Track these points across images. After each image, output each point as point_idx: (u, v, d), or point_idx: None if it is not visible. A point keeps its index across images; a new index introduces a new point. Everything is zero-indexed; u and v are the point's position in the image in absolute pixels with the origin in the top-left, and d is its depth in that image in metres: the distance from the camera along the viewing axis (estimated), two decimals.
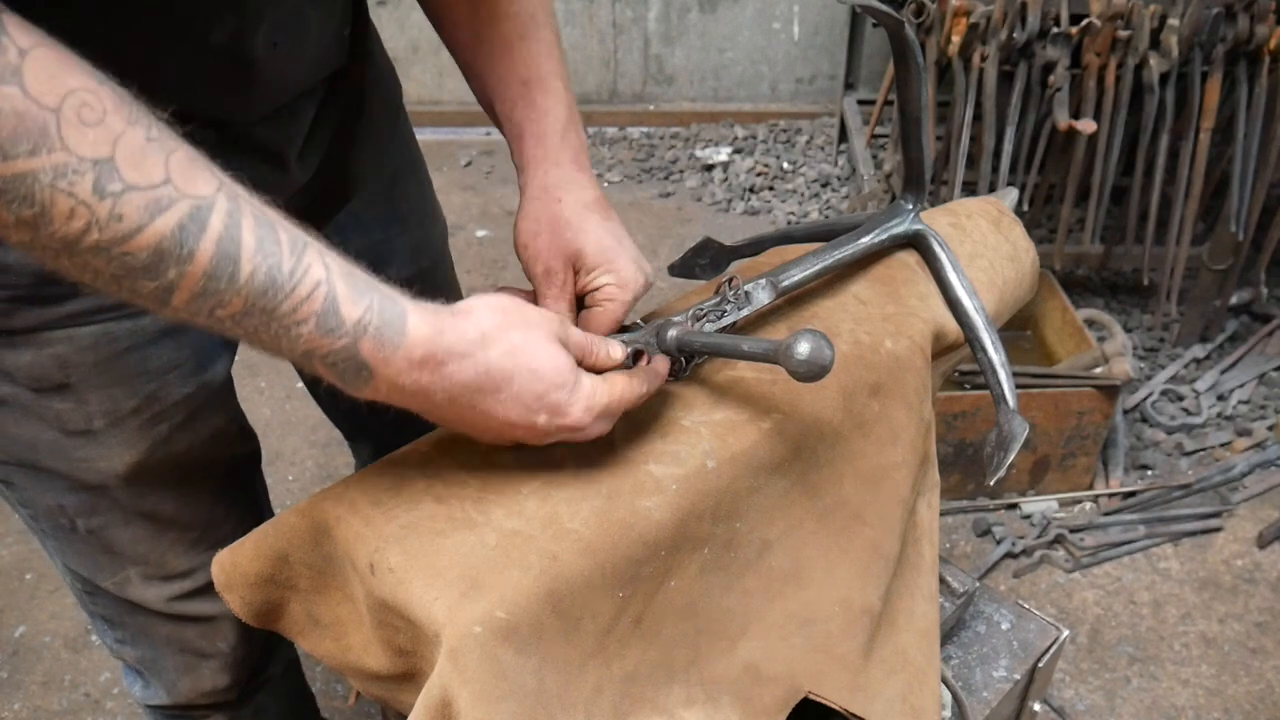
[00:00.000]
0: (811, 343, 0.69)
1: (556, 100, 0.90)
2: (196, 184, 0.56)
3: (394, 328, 0.64)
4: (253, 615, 0.83)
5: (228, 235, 0.57)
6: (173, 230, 0.55)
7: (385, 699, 0.85)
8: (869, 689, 0.84)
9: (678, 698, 0.78)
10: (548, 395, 0.71)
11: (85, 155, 0.53)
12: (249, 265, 0.58)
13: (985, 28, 2.15)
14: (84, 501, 0.90)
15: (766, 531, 0.84)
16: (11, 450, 0.87)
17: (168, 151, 0.56)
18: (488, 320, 0.69)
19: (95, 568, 0.97)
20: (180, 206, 0.56)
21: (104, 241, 0.54)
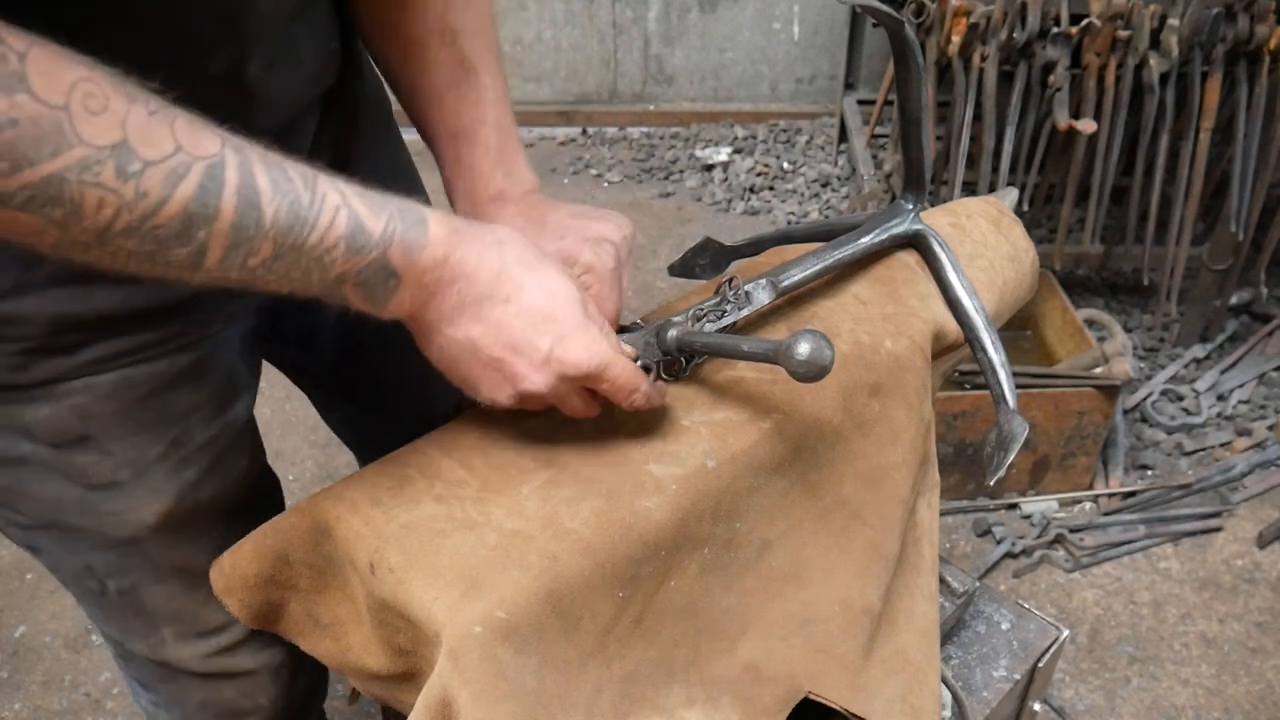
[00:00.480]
0: (811, 343, 0.69)
1: (483, 153, 0.89)
2: (204, 144, 0.58)
3: (416, 229, 0.67)
4: (252, 617, 0.83)
5: (245, 184, 0.59)
6: (195, 193, 0.57)
7: (385, 699, 0.85)
8: (869, 689, 0.84)
9: (678, 697, 0.78)
10: (555, 316, 0.71)
11: (102, 144, 0.53)
12: (270, 207, 0.60)
13: (985, 28, 2.15)
14: (113, 560, 0.87)
15: (766, 531, 0.84)
16: (36, 511, 0.83)
17: (170, 120, 0.57)
18: (506, 231, 0.73)
19: (128, 631, 0.94)
20: (196, 169, 0.57)
21: (134, 221, 0.56)
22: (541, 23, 3.69)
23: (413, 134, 1.00)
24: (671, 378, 0.85)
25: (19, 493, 0.82)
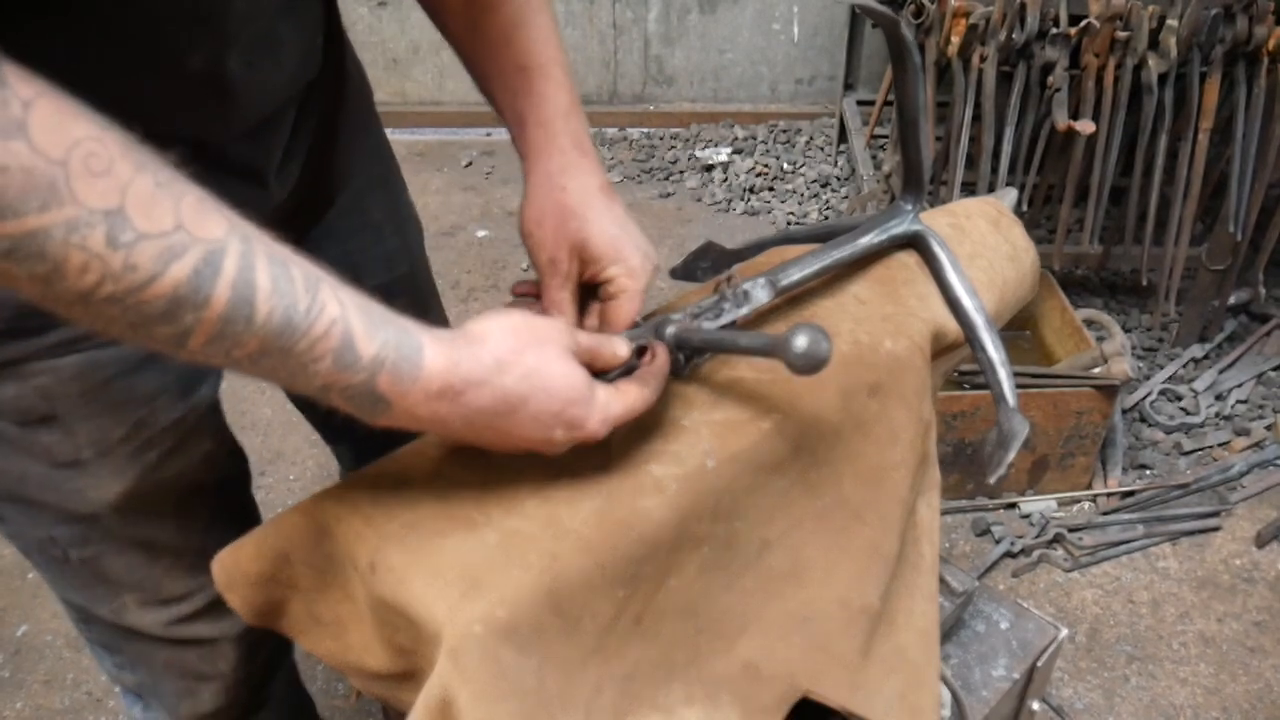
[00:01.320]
0: (809, 336, 0.69)
1: (557, 86, 0.89)
2: (208, 227, 0.55)
3: (411, 361, 0.64)
4: (254, 614, 0.84)
5: (242, 278, 0.56)
6: (188, 277, 0.54)
7: (386, 698, 0.85)
8: (868, 688, 0.85)
9: (677, 696, 0.79)
10: (564, 412, 0.71)
11: (96, 207, 0.51)
12: (265, 306, 0.57)
13: (984, 28, 2.15)
14: (76, 532, 0.89)
15: (766, 531, 0.84)
16: (13, 478, 0.85)
17: (178, 196, 0.54)
18: (502, 345, 0.69)
19: (91, 597, 0.96)
20: (194, 252, 0.54)
21: (119, 293, 0.53)
22: None
23: (424, 134, 0.99)
24: (671, 375, 0.86)
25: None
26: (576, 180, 0.87)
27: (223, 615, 0.97)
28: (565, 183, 0.86)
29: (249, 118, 0.81)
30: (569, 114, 0.89)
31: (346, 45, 1.02)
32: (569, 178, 0.87)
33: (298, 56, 0.86)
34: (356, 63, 1.07)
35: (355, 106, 1.05)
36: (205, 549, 0.91)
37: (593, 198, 0.86)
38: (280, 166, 0.90)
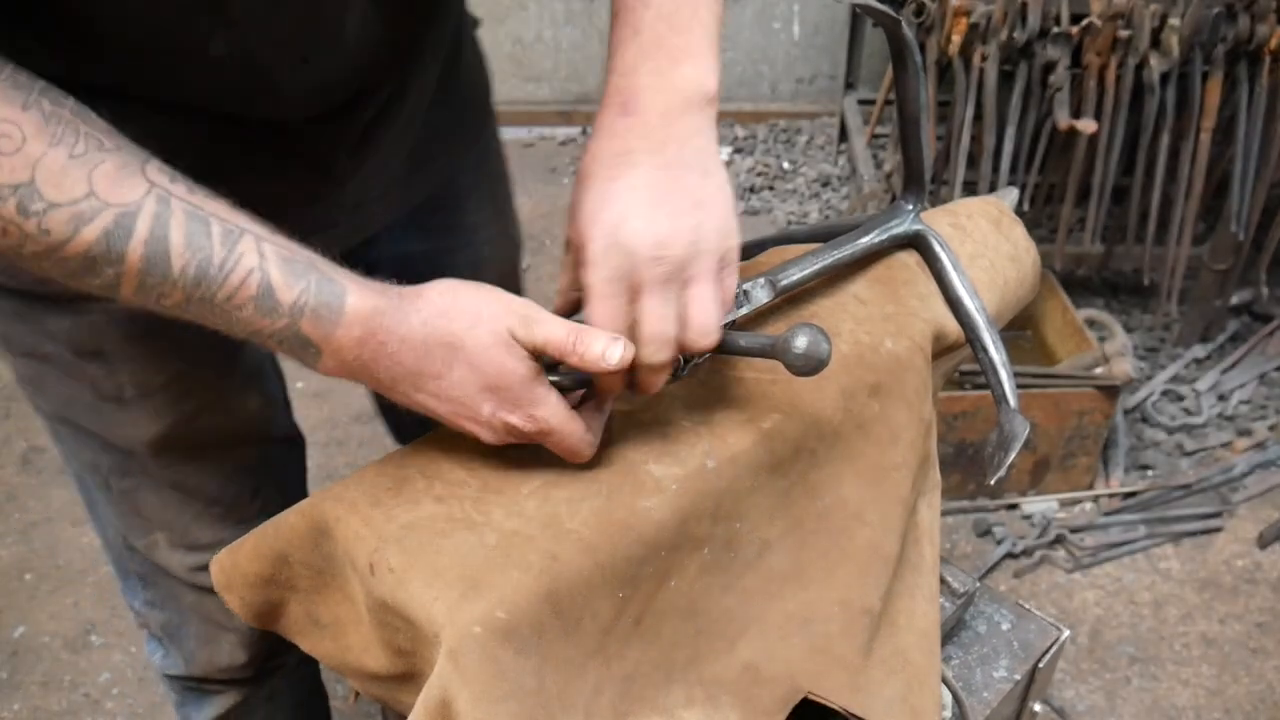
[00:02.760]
0: (809, 336, 0.69)
1: (631, 33, 0.76)
2: (122, 192, 0.61)
3: (331, 307, 0.66)
4: (252, 616, 0.83)
5: (154, 237, 0.61)
6: (99, 238, 0.61)
7: (385, 699, 0.85)
8: (869, 689, 0.84)
9: (677, 698, 0.78)
10: (489, 387, 0.70)
11: (5, 182, 0.58)
12: (179, 261, 0.62)
13: (986, 27, 2.15)
14: (116, 462, 0.95)
15: (766, 531, 0.84)
16: (54, 405, 0.94)
17: (92, 165, 0.60)
18: (434, 306, 0.69)
19: (127, 528, 1.02)
20: (105, 216, 0.60)
21: (41, 251, 0.60)
22: (541, 23, 3.69)
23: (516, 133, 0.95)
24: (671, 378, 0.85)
25: (42, 385, 0.92)
26: (599, 143, 0.75)
27: None
28: (591, 145, 0.76)
29: (300, 106, 0.81)
30: (631, 69, 0.75)
31: (463, 49, 1.00)
32: (595, 140, 0.76)
33: (368, 52, 0.82)
34: (476, 68, 1.05)
35: (465, 109, 1.03)
36: (238, 503, 0.99)
37: (598, 165, 0.74)
38: (355, 153, 0.88)
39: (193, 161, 0.67)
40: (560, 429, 0.73)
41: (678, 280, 0.72)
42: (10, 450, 2.41)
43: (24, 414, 2.50)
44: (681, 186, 0.72)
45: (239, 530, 0.87)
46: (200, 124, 0.77)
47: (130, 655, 1.96)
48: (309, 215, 0.88)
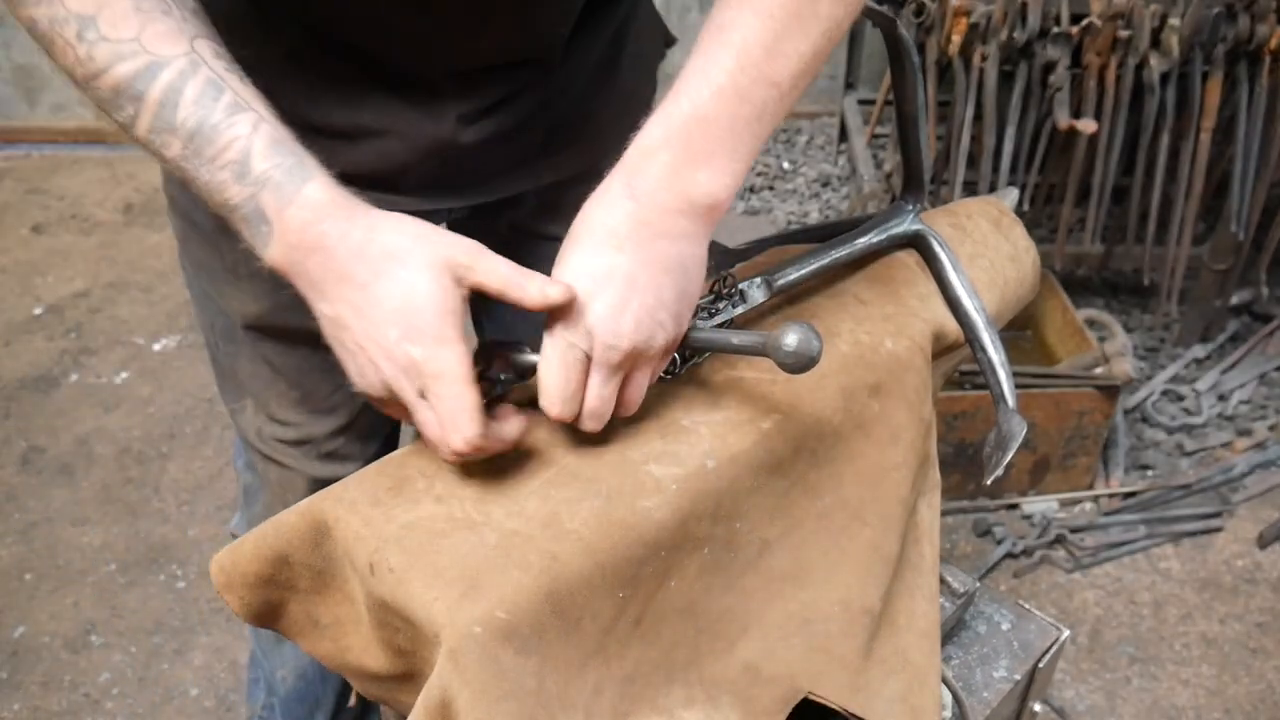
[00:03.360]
0: (799, 334, 0.69)
1: (662, 116, 0.75)
2: (162, 46, 0.71)
3: (292, 185, 0.71)
4: (252, 615, 0.83)
5: (172, 87, 0.71)
6: (128, 75, 0.70)
7: (385, 699, 0.85)
8: (869, 689, 0.84)
9: (677, 698, 0.78)
10: (408, 310, 0.69)
11: (73, 10, 0.70)
12: (184, 112, 0.71)
13: (986, 27, 2.15)
14: (225, 328, 1.08)
15: (766, 531, 0.84)
16: (194, 263, 1.07)
17: (148, 20, 0.71)
18: (387, 220, 0.72)
19: (225, 389, 1.15)
20: (139, 59, 0.70)
21: (85, 75, 0.71)
22: None
23: None
24: (667, 376, 0.85)
25: (188, 246, 1.06)
26: (597, 212, 0.76)
27: (307, 456, 1.13)
28: (589, 209, 0.77)
29: (431, 59, 0.90)
30: (651, 152, 0.74)
31: (624, 51, 1.05)
32: (595, 206, 0.76)
33: (511, 27, 0.90)
34: (645, 73, 1.10)
35: (617, 108, 1.05)
36: (314, 394, 1.09)
37: (589, 236, 0.75)
38: (477, 120, 0.94)
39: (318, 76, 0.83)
40: (450, 387, 0.70)
41: (624, 366, 0.75)
42: (10, 450, 2.41)
43: (24, 414, 2.51)
44: (655, 289, 0.74)
45: (314, 417, 1.07)
46: (336, 52, 0.88)
47: (130, 655, 1.96)
48: (425, 169, 0.96)
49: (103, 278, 3.01)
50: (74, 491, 2.30)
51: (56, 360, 2.69)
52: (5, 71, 3.58)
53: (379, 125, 0.92)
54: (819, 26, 0.74)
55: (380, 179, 0.97)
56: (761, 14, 0.73)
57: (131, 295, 2.94)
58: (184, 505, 2.27)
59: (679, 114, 0.74)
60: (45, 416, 2.51)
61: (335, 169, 0.92)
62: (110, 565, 2.13)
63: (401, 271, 0.70)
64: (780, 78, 0.74)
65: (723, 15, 0.75)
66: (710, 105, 0.73)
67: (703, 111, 0.74)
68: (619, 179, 0.75)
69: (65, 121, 3.66)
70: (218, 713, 1.87)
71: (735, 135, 0.76)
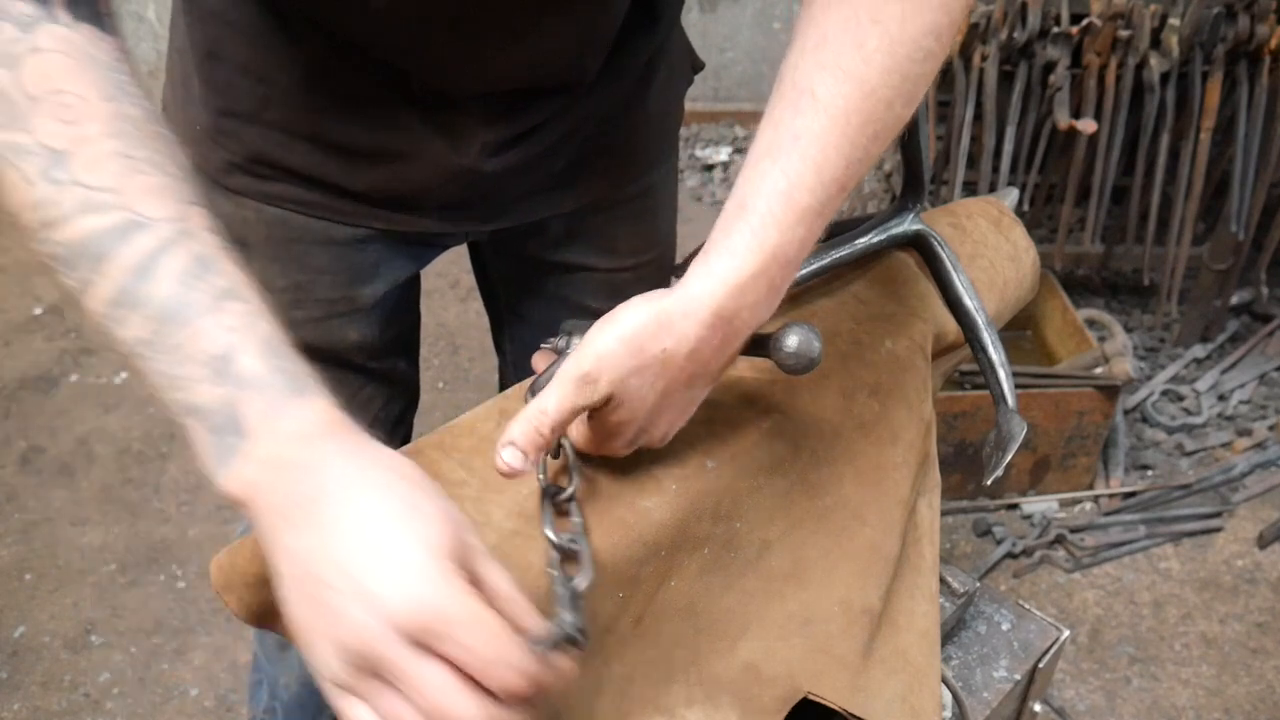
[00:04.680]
0: (800, 335, 0.69)
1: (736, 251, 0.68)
2: (146, 205, 0.58)
3: (288, 392, 0.58)
4: (250, 616, 0.83)
5: (150, 254, 0.57)
6: (95, 231, 0.57)
7: None
8: (869, 689, 0.84)
9: (678, 697, 0.78)
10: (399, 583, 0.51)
11: (45, 143, 0.57)
12: (159, 288, 0.57)
13: (985, 27, 2.15)
14: None
15: (766, 531, 0.84)
16: None
17: (133, 170, 0.58)
18: (392, 458, 0.57)
19: None
20: (114, 214, 0.57)
21: (37, 221, 0.58)
22: None
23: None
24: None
25: None
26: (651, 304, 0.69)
27: None
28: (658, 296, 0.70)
29: (476, 85, 0.88)
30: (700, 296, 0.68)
31: (654, 81, 1.03)
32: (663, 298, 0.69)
33: (544, 55, 0.88)
34: (666, 104, 1.08)
35: (641, 141, 1.06)
36: None
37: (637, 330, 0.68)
38: (499, 150, 0.93)
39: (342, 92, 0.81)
40: (460, 611, 0.51)
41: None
42: (10, 450, 2.41)
43: (24, 414, 2.51)
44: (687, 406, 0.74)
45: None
46: (362, 69, 0.86)
47: (130, 655, 1.96)
48: (445, 192, 0.96)
49: None
50: (74, 491, 2.30)
51: (56, 360, 2.69)
52: None
53: (401, 148, 0.91)
54: (892, 130, 0.71)
55: (399, 199, 0.97)
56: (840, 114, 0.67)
57: None
58: (184, 505, 2.27)
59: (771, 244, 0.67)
60: (45, 416, 2.51)
61: (355, 187, 0.93)
62: (110, 565, 2.13)
63: (408, 509, 0.54)
64: (850, 183, 0.69)
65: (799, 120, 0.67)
66: (740, 193, 0.68)
67: (740, 195, 0.68)
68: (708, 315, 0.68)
69: None
70: (218, 713, 1.86)
71: (746, 223, 0.68)
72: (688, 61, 1.15)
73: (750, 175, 0.68)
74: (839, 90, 0.66)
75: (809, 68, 0.68)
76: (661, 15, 0.99)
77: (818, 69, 0.67)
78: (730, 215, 0.68)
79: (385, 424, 1.15)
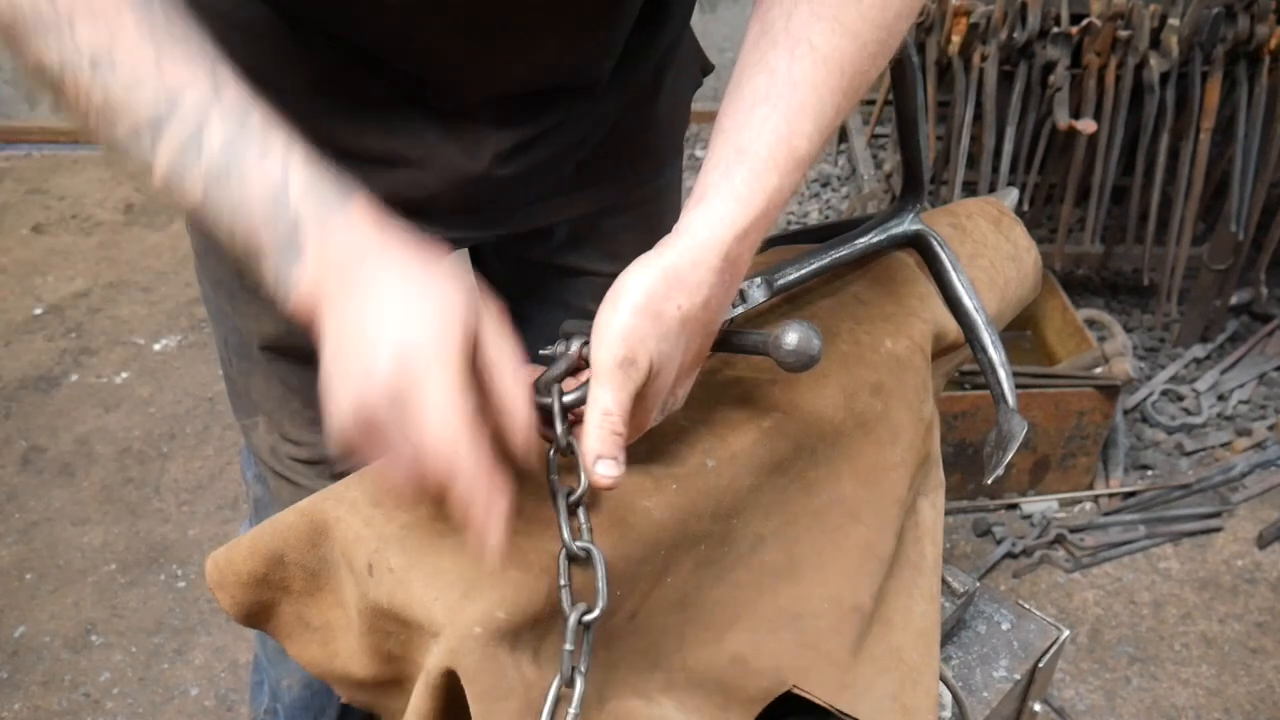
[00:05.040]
0: (799, 333, 0.69)
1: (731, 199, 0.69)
2: (181, 85, 0.64)
3: (331, 207, 0.65)
4: (243, 614, 0.83)
5: (195, 120, 0.64)
6: (146, 112, 0.63)
7: (370, 705, 0.85)
8: (857, 686, 0.84)
9: (657, 682, 0.78)
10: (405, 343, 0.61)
11: (84, 44, 0.62)
12: (209, 146, 0.64)
13: (985, 27, 2.15)
14: (238, 345, 1.06)
15: (761, 526, 0.84)
16: (210, 280, 1.05)
17: (166, 57, 0.64)
18: (417, 251, 0.66)
19: (238, 405, 1.12)
20: (157, 101, 0.63)
21: (97, 120, 0.64)
22: None
23: None
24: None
25: (206, 260, 1.04)
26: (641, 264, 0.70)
27: (320, 475, 1.08)
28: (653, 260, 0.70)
29: (485, 88, 0.87)
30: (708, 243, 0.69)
31: (663, 86, 1.04)
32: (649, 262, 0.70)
33: (555, 59, 0.87)
34: (673, 108, 1.09)
35: (646, 144, 1.06)
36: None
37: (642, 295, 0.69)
38: (511, 155, 0.91)
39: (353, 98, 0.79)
40: (434, 393, 0.61)
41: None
42: (10, 450, 2.41)
43: (24, 414, 2.51)
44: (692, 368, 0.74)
45: (321, 439, 1.00)
46: (374, 74, 0.85)
47: (130, 655, 1.96)
48: (453, 198, 0.94)
49: (103, 278, 3.01)
50: (74, 491, 2.30)
51: (57, 360, 2.69)
52: (5, 71, 3.58)
53: (413, 153, 0.90)
54: (869, 85, 0.72)
55: (408, 206, 0.95)
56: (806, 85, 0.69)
57: (132, 295, 2.95)
58: (184, 505, 2.27)
59: (774, 188, 0.69)
60: (45, 416, 2.51)
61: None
62: (110, 565, 2.13)
63: (426, 290, 0.64)
64: (833, 134, 0.72)
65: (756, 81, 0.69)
66: (795, 177, 0.70)
67: (790, 183, 0.70)
68: (718, 260, 0.69)
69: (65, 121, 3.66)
70: (218, 713, 1.87)
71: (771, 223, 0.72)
72: (697, 64, 1.15)
73: (748, 120, 0.68)
74: (835, 42, 0.68)
75: (805, 17, 0.69)
76: (673, 16, 0.99)
77: (814, 19, 0.68)
78: (728, 160, 0.68)
79: None
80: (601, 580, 0.69)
